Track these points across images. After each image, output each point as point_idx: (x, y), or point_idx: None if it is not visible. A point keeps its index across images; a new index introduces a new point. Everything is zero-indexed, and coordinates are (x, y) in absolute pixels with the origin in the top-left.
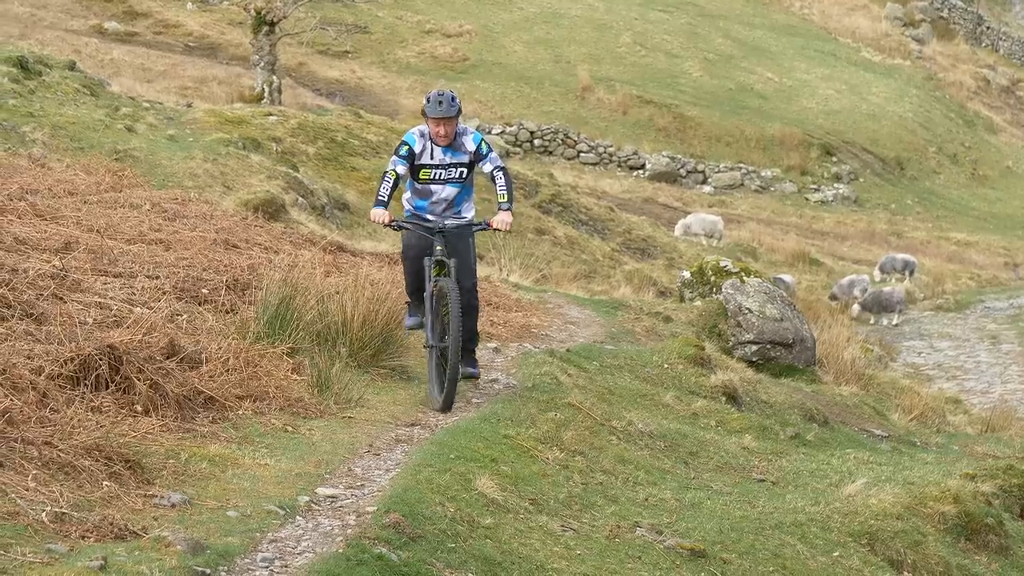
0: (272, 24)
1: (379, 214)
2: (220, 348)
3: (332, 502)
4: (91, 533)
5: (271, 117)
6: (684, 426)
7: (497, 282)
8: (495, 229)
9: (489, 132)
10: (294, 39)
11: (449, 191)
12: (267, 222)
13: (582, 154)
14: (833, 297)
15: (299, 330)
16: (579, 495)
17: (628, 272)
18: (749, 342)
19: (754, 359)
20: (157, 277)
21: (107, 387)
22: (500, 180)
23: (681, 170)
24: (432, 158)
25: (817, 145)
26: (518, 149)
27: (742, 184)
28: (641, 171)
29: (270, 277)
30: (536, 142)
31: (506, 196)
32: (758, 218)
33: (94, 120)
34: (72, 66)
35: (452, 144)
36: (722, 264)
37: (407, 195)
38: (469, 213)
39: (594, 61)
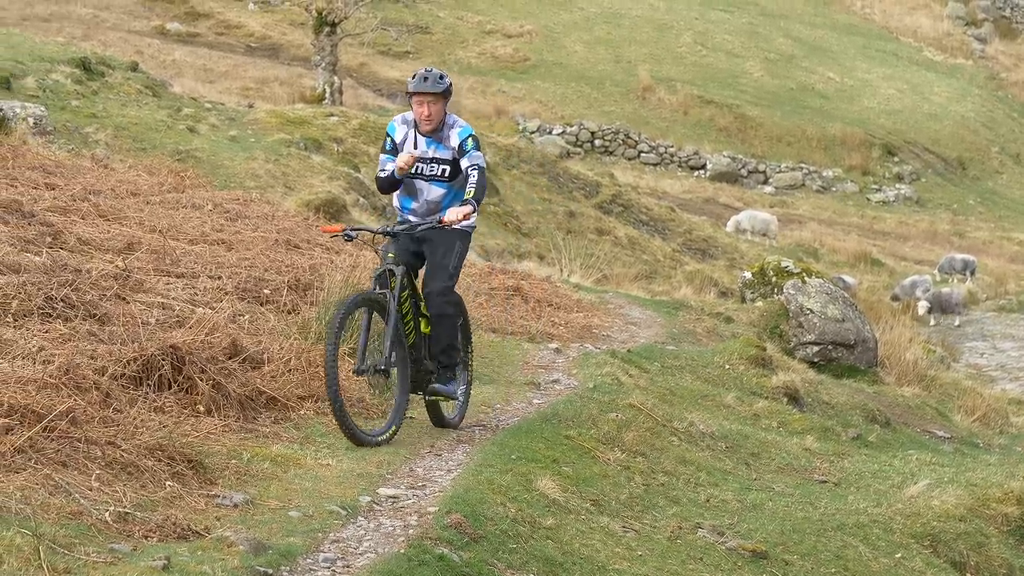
0: (333, 25)
1: (403, 159)
2: (282, 348)
3: (394, 502)
4: (154, 533)
5: (332, 118)
6: (746, 427)
7: (558, 282)
8: (446, 224)
9: (550, 132)
10: (355, 40)
11: (435, 191)
12: (328, 222)
13: (643, 154)
14: (895, 298)
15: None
16: (640, 496)
17: (689, 273)
18: (810, 343)
19: (815, 360)
20: (219, 277)
21: (170, 387)
22: (472, 178)
23: (742, 170)
24: (415, 148)
25: (879, 145)
26: (579, 149)
27: (803, 184)
28: (702, 171)
29: (331, 278)
30: (597, 142)
31: (472, 193)
32: (819, 218)
33: (156, 121)
34: (134, 67)
35: (437, 134)
36: (783, 265)
37: (397, 192)
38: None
39: (655, 61)
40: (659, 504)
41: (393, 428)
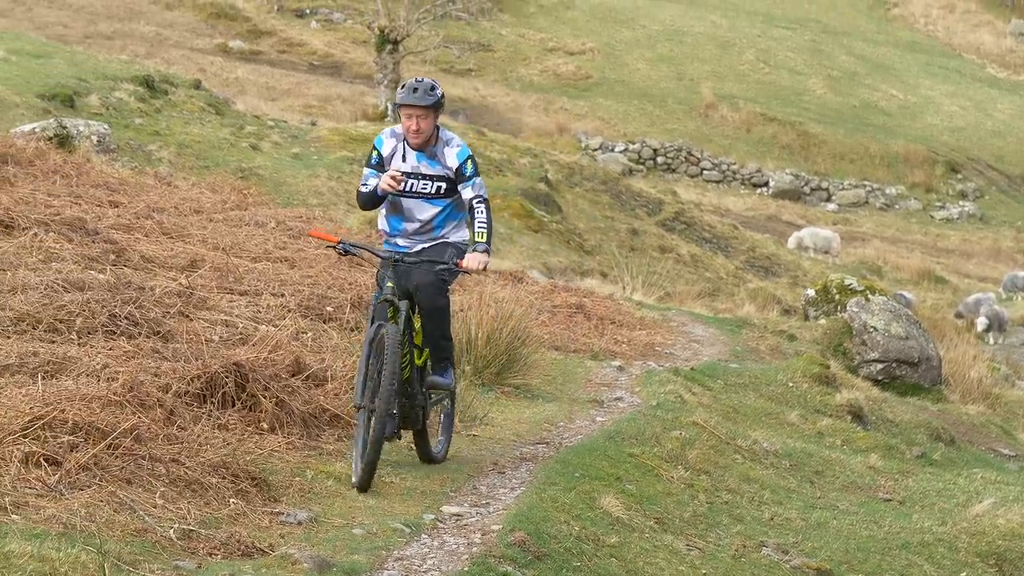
0: (396, 42)
1: (384, 177)
2: (345, 366)
3: (457, 520)
4: (218, 550)
5: None
6: (809, 445)
7: (621, 300)
8: (465, 270)
9: (612, 150)
10: (417, 57)
11: (426, 210)
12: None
13: (705, 172)
14: (959, 315)
15: None
16: (704, 514)
17: (752, 290)
18: (874, 360)
19: (879, 378)
20: (282, 295)
21: (233, 404)
22: (481, 215)
23: (805, 188)
24: (403, 161)
25: (942, 162)
26: (641, 167)
27: (866, 202)
28: (764, 188)
29: None
30: (659, 160)
31: (484, 235)
32: (882, 236)
33: (219, 138)
34: (197, 85)
35: (429, 150)
36: (847, 282)
37: (383, 211)
38: (454, 237)
39: (717, 78)
40: (723, 522)
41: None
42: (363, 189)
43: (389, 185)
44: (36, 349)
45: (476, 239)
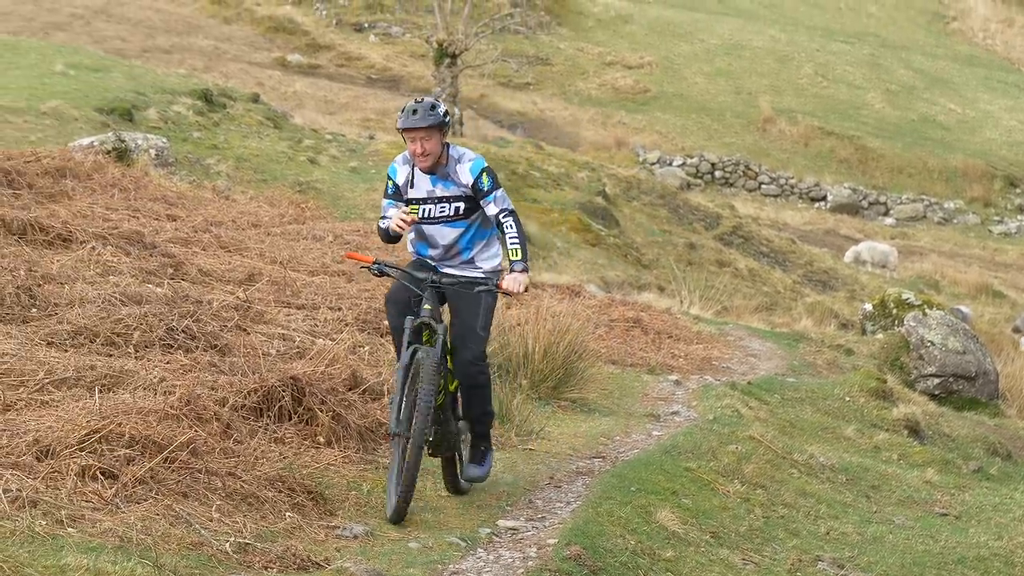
0: (454, 56)
1: (395, 217)
2: None
3: (513, 534)
4: (274, 564)
5: None
6: (866, 459)
7: (678, 314)
8: (506, 292)
9: (670, 164)
10: (476, 71)
11: (448, 234)
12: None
13: (763, 186)
14: (1016, 330)
15: None
16: (760, 528)
17: (809, 304)
18: (931, 375)
19: (936, 392)
20: (339, 309)
21: (290, 418)
22: (511, 229)
23: (863, 202)
24: (417, 188)
25: (1000, 177)
26: (699, 181)
27: (924, 216)
28: (822, 203)
29: None
30: (717, 173)
31: (519, 251)
32: (940, 250)
33: (277, 152)
34: (255, 98)
35: (440, 171)
36: (904, 297)
37: (411, 236)
38: (488, 264)
39: (775, 92)
40: (779, 536)
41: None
42: (382, 224)
43: (399, 226)
44: (93, 362)
45: (512, 257)
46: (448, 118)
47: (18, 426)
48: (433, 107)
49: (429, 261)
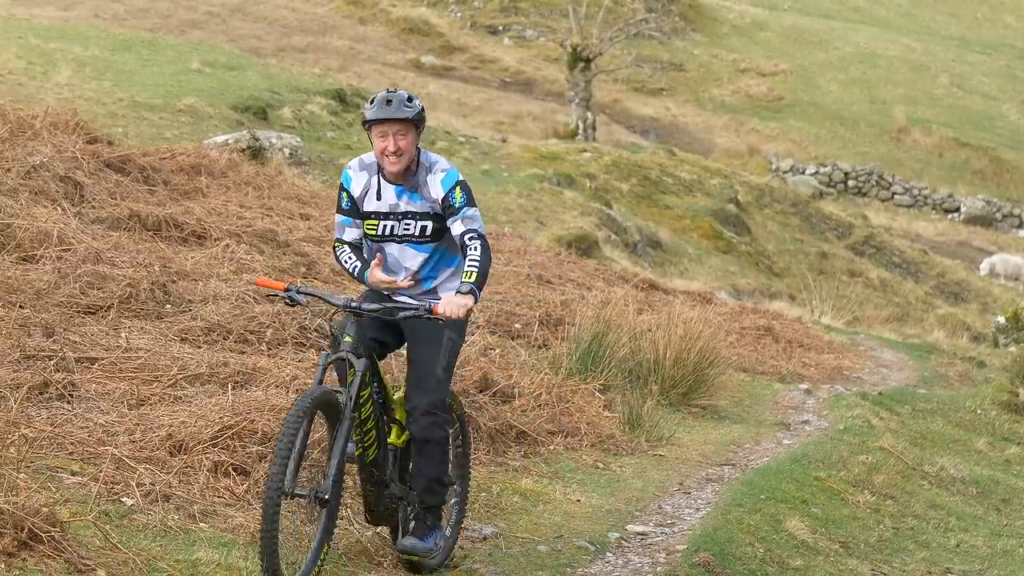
0: (588, 60)
1: (377, 277)
2: (532, 383)
3: (642, 539)
4: (404, 563)
5: (585, 153)
6: (997, 472)
7: (809, 323)
8: (439, 317)
9: (802, 172)
10: (609, 76)
11: (411, 257)
12: (580, 258)
13: (896, 196)
14: None
15: (611, 367)
16: (890, 539)
17: (941, 316)
18: None
19: None
20: None
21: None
22: (474, 252)
23: (997, 214)
24: (379, 199)
25: None
26: (831, 190)
27: None
28: (955, 214)
29: (583, 313)
30: (850, 183)
31: (474, 274)
32: None
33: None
34: None
35: (409, 181)
36: None
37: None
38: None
39: (910, 102)
40: (908, 548)
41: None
42: (339, 254)
43: (377, 284)
44: (226, 359)
45: (462, 279)
46: (425, 116)
47: (152, 421)
48: (410, 99)
49: (383, 291)
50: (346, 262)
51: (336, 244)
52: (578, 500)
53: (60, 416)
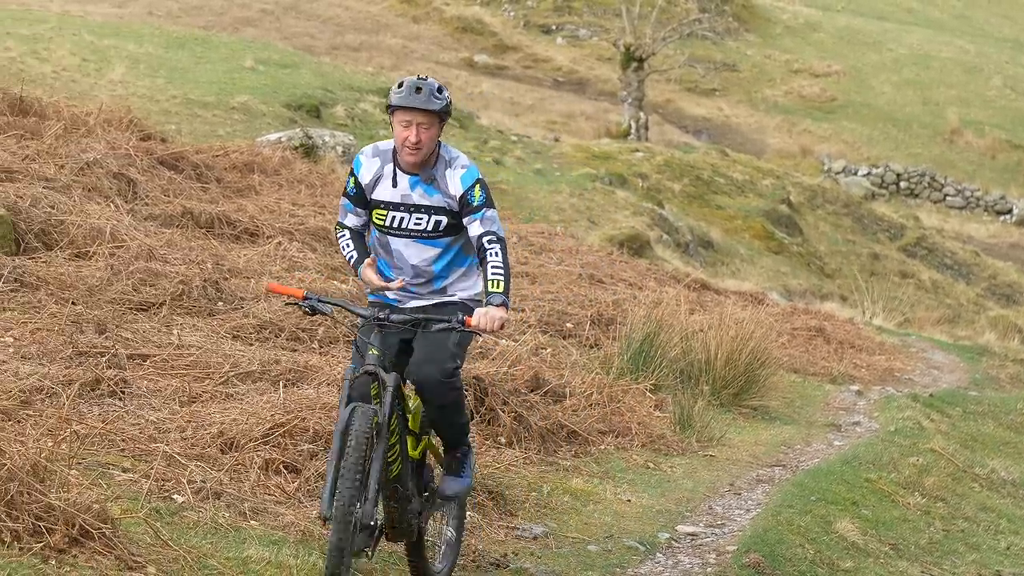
0: (641, 60)
1: (368, 277)
2: (583, 383)
3: (692, 540)
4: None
5: (637, 153)
6: None
7: (860, 324)
8: (474, 331)
9: (855, 173)
10: (662, 76)
11: (422, 252)
12: (631, 258)
13: (948, 197)
14: None
15: (662, 367)
16: (940, 541)
17: (993, 318)
18: None
19: None
20: (523, 310)
21: (472, 418)
22: (495, 257)
23: None
24: (394, 187)
25: None
26: (883, 191)
27: None
28: (1008, 216)
29: (634, 313)
30: (902, 184)
31: (501, 283)
32: None
33: (463, 152)
34: None
35: (426, 174)
36: None
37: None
38: (464, 294)
39: (963, 104)
40: (959, 550)
41: None
42: (341, 241)
43: (378, 286)
44: (278, 357)
45: (490, 289)
46: (452, 109)
47: (203, 418)
48: (440, 89)
49: (388, 299)
50: (345, 248)
51: (337, 227)
52: (628, 500)
53: (112, 413)
